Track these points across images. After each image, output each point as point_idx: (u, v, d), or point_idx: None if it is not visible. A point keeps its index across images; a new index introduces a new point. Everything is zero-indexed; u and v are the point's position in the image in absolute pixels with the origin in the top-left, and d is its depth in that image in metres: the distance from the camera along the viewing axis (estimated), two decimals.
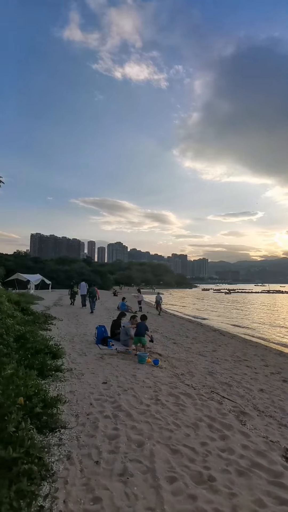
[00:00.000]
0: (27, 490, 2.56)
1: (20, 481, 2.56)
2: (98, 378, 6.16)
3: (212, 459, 3.46)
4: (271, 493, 2.93)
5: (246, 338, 15.32)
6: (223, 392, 5.92)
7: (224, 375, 7.29)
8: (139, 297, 23.55)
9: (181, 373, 7.08)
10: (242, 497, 2.87)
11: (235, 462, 3.43)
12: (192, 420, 4.43)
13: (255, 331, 18.82)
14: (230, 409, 5.04)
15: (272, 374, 8.08)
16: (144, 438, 3.81)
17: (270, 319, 26.15)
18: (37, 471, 2.81)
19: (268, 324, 22.59)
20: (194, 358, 8.98)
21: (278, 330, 19.35)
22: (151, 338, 9.25)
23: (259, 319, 26.00)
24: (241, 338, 15.25)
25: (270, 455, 3.62)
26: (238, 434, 4.14)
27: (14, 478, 2.56)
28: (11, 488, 2.45)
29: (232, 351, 11.06)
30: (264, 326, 21.38)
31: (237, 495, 2.90)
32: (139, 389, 5.64)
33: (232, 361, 9.25)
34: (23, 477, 2.61)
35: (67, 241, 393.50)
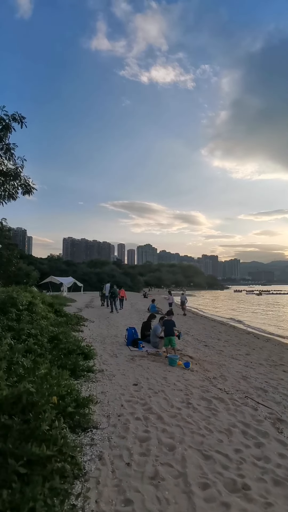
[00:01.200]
0: (60, 488, 2.61)
1: (53, 478, 2.61)
2: (128, 379, 6.18)
3: (247, 467, 3.34)
4: None
5: (282, 342, 14.68)
6: (258, 398, 5.70)
7: (259, 380, 7.02)
8: (170, 299, 23.42)
9: (213, 376, 6.92)
10: (278, 507, 2.76)
11: (271, 471, 3.29)
12: (225, 426, 4.30)
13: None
14: (266, 415, 4.83)
15: None
16: (176, 442, 3.76)
17: None
18: (70, 470, 2.87)
19: None
20: (227, 362, 8.75)
21: None
22: (179, 334, 9.13)
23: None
24: (276, 341, 14.63)
25: None
26: (275, 442, 3.96)
27: (48, 475, 2.62)
28: (45, 485, 2.51)
29: (268, 355, 10.63)
30: None
31: (273, 504, 2.78)
32: (170, 391, 5.59)
33: (268, 366, 8.88)
34: (56, 475, 2.66)
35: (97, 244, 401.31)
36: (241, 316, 28.26)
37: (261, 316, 28.65)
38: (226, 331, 16.26)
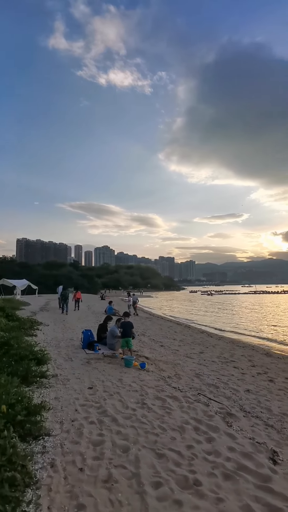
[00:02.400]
0: (11, 496, 2.52)
1: (3, 487, 2.51)
2: (84, 383, 6.07)
3: (198, 463, 3.43)
4: (259, 499, 2.89)
5: (233, 339, 15.42)
6: (210, 394, 5.92)
7: (211, 377, 7.30)
8: (129, 300, 23.42)
9: (168, 376, 7.05)
10: (229, 503, 2.82)
11: (221, 465, 3.41)
12: (178, 423, 4.40)
13: (242, 331, 18.98)
14: (217, 410, 5.03)
15: (259, 375, 8.13)
16: (130, 443, 3.76)
17: (256, 319, 26.44)
18: (20, 479, 2.76)
19: (255, 324, 22.83)
20: (182, 361, 8.97)
21: (265, 330, 19.56)
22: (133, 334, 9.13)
23: (246, 319, 26.25)
24: (228, 339, 15.34)
25: (257, 457, 3.61)
26: (225, 436, 4.13)
27: None
28: None
29: (220, 352, 11.10)
30: (251, 326, 21.59)
31: (224, 500, 2.85)
32: (125, 393, 5.58)
33: (220, 363, 9.27)
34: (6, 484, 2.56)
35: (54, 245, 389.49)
36: (195, 316, 29.19)
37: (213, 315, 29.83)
38: (182, 331, 16.68)
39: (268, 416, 5.04)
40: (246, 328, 20.62)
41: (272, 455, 3.70)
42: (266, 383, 7.32)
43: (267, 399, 5.98)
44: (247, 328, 20.62)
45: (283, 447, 3.96)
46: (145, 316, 23.76)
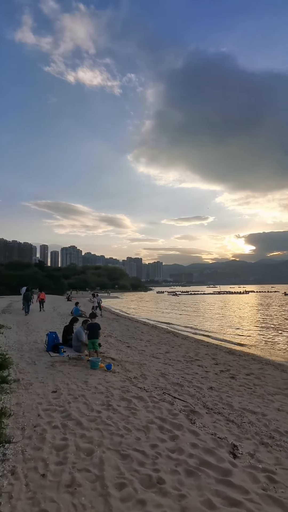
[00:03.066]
0: None
1: None
2: (47, 387, 5.93)
3: (162, 461, 3.49)
4: (220, 493, 2.99)
5: (198, 339, 15.80)
6: (175, 393, 6.02)
7: (176, 376, 7.43)
8: (95, 301, 23.16)
9: (134, 376, 7.08)
10: (191, 498, 2.90)
11: (184, 462, 3.49)
12: (143, 423, 4.44)
13: (206, 331, 19.51)
14: (181, 408, 5.14)
15: (221, 372, 8.40)
16: (94, 446, 3.74)
17: (220, 319, 27.31)
18: None
19: (218, 323, 23.56)
20: (148, 361, 9.04)
21: (228, 329, 20.27)
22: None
23: (211, 319, 27.03)
24: (193, 338, 15.68)
25: (218, 452, 3.74)
26: (188, 433, 4.23)
27: None
28: None
29: (185, 351, 11.32)
30: (215, 326, 22.27)
31: (186, 496, 2.92)
32: (90, 395, 5.53)
33: (185, 362, 9.46)
34: None
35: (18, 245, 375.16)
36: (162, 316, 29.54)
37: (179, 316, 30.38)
38: (148, 331, 16.82)
39: (229, 412, 5.23)
40: (210, 328, 21.22)
41: (232, 449, 3.85)
42: (228, 380, 7.59)
43: (229, 395, 6.21)
44: (211, 328, 21.23)
45: (242, 441, 4.13)
46: (112, 317, 23.64)
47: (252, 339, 16.42)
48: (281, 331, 19.05)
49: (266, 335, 17.66)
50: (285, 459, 3.72)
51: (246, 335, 17.80)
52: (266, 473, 3.36)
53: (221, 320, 26.38)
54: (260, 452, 3.84)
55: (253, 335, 17.99)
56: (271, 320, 25.68)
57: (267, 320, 25.82)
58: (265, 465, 3.53)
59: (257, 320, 26.16)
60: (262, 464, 3.54)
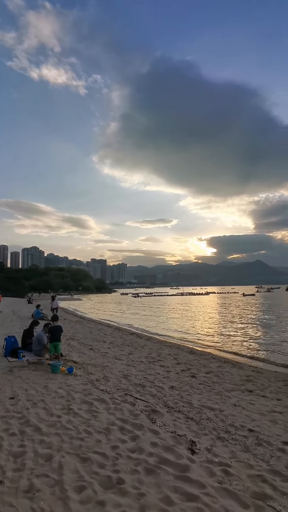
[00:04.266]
0: None
1: None
2: (4, 393, 5.71)
3: (122, 462, 3.51)
4: (178, 489, 3.07)
5: (161, 339, 16.03)
6: (137, 394, 6.08)
7: (139, 377, 7.49)
8: (54, 304, 22.62)
9: (96, 379, 7.03)
10: (150, 496, 2.95)
11: (144, 461, 3.54)
12: (104, 425, 4.43)
13: (169, 331, 19.86)
14: (142, 409, 5.20)
15: (182, 371, 8.61)
16: (53, 451, 3.67)
17: (182, 319, 27.93)
18: None
19: (181, 324, 24.08)
20: (111, 363, 9.02)
21: (190, 330, 20.78)
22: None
23: (173, 320, 27.54)
24: (156, 339, 15.89)
25: (177, 449, 3.84)
26: (149, 432, 4.29)
27: None
28: None
29: (148, 352, 11.45)
30: (177, 326, 22.73)
31: (145, 494, 2.97)
32: (50, 400, 5.41)
33: (147, 362, 9.57)
34: None
35: None
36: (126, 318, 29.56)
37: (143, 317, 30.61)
38: (112, 333, 16.76)
39: (189, 409, 5.39)
40: (173, 328, 21.62)
41: (190, 445, 3.97)
42: (188, 379, 7.81)
43: (189, 394, 6.39)
44: (174, 328, 21.64)
45: (201, 437, 4.28)
46: (75, 320, 23.24)
47: (212, 339, 16.99)
48: (239, 331, 19.92)
49: (225, 335, 18.36)
50: (240, 452, 3.91)
51: (206, 335, 18.37)
52: (222, 466, 3.51)
53: (183, 320, 26.98)
54: (217, 447, 4.00)
55: (213, 334, 18.62)
56: (230, 320, 26.74)
57: (227, 320, 26.86)
58: (221, 458, 3.68)
59: (217, 320, 27.11)
60: (218, 458, 3.69)
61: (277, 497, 2.99)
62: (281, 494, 3.04)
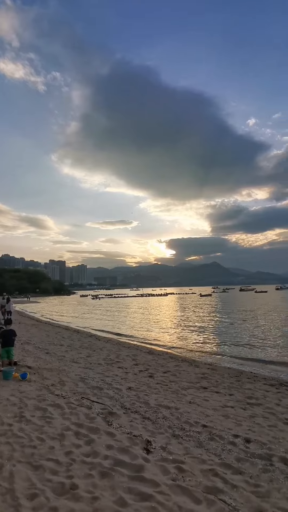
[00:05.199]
0: None
1: None
2: None
3: (76, 467, 3.45)
4: (132, 490, 3.08)
5: (120, 341, 15.99)
6: (94, 397, 6.00)
7: (96, 379, 7.40)
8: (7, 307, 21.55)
9: (51, 384, 6.82)
10: (104, 499, 2.93)
11: (99, 465, 3.51)
12: (58, 431, 4.32)
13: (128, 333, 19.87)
14: (99, 412, 5.14)
15: (140, 372, 8.66)
16: (4, 460, 3.51)
17: (142, 320, 28.12)
18: None
19: (140, 325, 24.22)
20: (67, 366, 8.81)
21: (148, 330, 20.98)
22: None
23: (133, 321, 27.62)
24: (115, 341, 15.82)
25: (132, 450, 3.85)
26: (104, 435, 4.26)
27: None
28: None
29: (107, 354, 11.35)
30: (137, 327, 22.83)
31: (99, 498, 2.94)
32: (1, 408, 5.17)
33: (106, 364, 9.48)
34: None
35: None
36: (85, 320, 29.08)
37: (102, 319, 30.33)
38: (70, 336, 16.38)
39: (146, 409, 5.43)
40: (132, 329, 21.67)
41: (146, 445, 4.01)
42: (146, 379, 7.87)
43: (146, 394, 6.44)
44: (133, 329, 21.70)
45: (156, 436, 4.33)
46: (31, 323, 22.37)
47: (171, 339, 17.30)
48: (196, 330, 20.52)
49: (183, 334, 18.81)
50: (193, 448, 4.02)
51: (165, 335, 18.66)
52: (176, 463, 3.58)
53: (143, 321, 27.17)
54: (172, 444, 4.08)
55: (172, 334, 18.97)
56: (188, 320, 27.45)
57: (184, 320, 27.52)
58: (176, 456, 3.76)
59: (175, 320, 27.67)
60: (173, 455, 3.77)
61: (227, 490, 3.11)
62: (231, 487, 3.17)
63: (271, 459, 3.80)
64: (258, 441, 4.31)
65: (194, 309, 41.47)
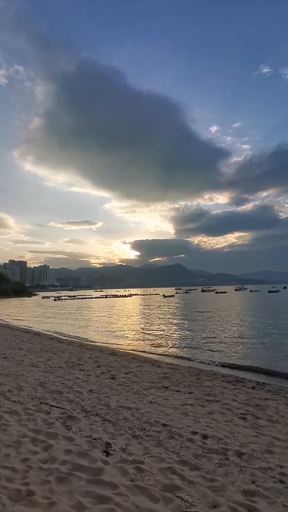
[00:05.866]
0: None
1: None
2: None
3: (33, 474, 3.34)
4: (90, 493, 3.04)
5: (83, 343, 15.75)
6: (53, 401, 5.84)
7: (56, 383, 7.21)
8: None
9: (8, 389, 6.53)
10: (61, 504, 2.87)
11: (56, 470, 3.42)
12: (14, 439, 4.14)
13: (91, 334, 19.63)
14: (58, 416, 5.02)
15: (102, 374, 8.59)
16: None
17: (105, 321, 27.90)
18: None
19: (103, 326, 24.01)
20: (26, 371, 8.49)
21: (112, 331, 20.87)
22: None
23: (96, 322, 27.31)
24: (78, 343, 15.55)
25: (92, 453, 3.80)
26: (63, 440, 4.16)
27: None
28: None
29: (68, 357, 11.11)
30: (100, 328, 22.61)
31: (56, 503, 2.88)
32: None
33: (67, 368, 9.28)
34: None
35: None
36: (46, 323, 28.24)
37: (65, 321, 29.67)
38: (30, 339, 15.82)
39: (107, 412, 5.39)
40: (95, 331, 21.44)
41: (106, 447, 3.98)
42: (108, 381, 7.82)
43: (107, 396, 6.40)
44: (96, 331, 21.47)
45: (116, 438, 4.32)
46: None
47: (134, 339, 17.36)
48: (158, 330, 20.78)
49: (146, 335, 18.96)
50: (153, 447, 4.06)
51: (128, 336, 18.69)
52: (135, 464, 3.60)
53: (106, 323, 26.97)
54: (132, 445, 4.09)
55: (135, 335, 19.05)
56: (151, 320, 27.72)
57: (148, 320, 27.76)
58: (135, 456, 3.77)
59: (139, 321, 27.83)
60: (132, 456, 3.78)
61: (185, 487, 3.18)
62: (188, 483, 3.25)
63: (226, 453, 3.95)
64: (215, 436, 4.47)
65: (157, 310, 41.94)
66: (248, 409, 6.02)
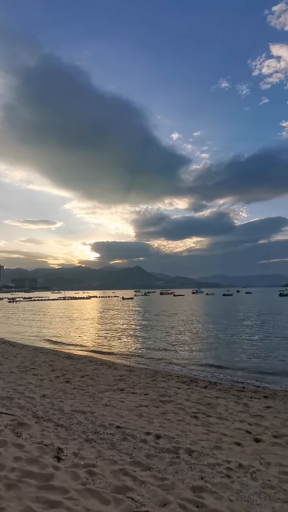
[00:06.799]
0: None
1: None
2: None
3: None
4: (40, 498, 2.97)
5: (37, 346, 15.21)
6: (2, 408, 5.58)
7: (7, 389, 6.89)
8: None
9: None
10: (10, 509, 2.79)
11: (5, 477, 3.29)
12: None
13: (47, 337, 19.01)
14: (7, 423, 4.80)
15: (57, 378, 8.37)
16: None
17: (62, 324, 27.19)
18: None
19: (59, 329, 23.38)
20: None
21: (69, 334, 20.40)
22: None
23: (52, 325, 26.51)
24: (32, 347, 14.99)
25: (42, 459, 3.70)
26: (12, 447, 4.00)
27: None
28: None
29: (21, 361, 10.68)
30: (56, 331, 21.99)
31: (5, 509, 2.79)
32: None
33: (19, 372, 8.91)
34: None
35: None
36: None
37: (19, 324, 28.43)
38: None
39: (60, 417, 5.27)
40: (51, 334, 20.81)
41: (57, 453, 3.89)
42: (62, 385, 7.64)
43: (61, 400, 6.26)
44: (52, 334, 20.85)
45: (68, 442, 4.25)
46: None
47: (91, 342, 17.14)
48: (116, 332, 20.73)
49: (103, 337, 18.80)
50: (106, 450, 4.06)
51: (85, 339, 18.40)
52: (88, 468, 3.57)
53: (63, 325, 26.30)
54: (84, 449, 4.05)
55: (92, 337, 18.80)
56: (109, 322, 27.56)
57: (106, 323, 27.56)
58: (87, 460, 3.74)
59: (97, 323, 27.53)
60: (84, 460, 3.74)
61: (136, 487, 3.22)
62: (140, 484, 3.30)
63: (177, 452, 4.07)
64: (168, 436, 4.57)
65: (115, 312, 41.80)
66: (200, 408, 6.24)
